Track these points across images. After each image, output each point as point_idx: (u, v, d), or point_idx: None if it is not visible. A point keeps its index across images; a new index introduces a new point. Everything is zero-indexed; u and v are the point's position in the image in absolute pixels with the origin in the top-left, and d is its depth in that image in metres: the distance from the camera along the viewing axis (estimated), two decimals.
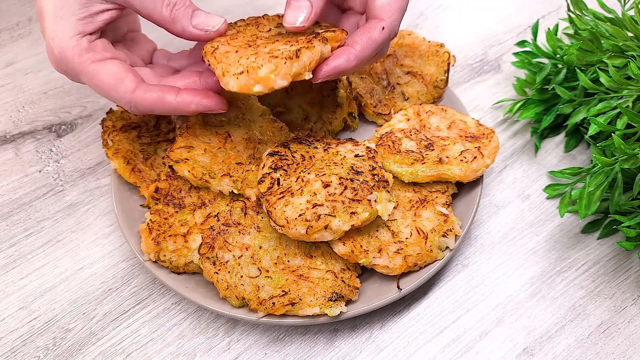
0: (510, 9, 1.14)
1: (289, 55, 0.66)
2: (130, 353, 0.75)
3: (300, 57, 0.66)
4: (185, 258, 0.74)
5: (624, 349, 0.74)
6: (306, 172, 0.74)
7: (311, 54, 0.67)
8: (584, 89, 0.85)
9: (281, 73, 0.65)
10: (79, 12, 0.67)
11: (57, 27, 0.67)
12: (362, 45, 0.69)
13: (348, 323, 0.77)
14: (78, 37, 0.67)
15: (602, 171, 0.74)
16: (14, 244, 0.85)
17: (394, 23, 0.70)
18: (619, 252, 0.82)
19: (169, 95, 0.69)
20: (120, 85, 0.68)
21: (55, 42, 0.67)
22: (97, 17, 0.68)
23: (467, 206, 0.79)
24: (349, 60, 0.69)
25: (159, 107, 0.69)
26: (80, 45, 0.67)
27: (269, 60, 0.66)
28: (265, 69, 0.65)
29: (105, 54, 0.69)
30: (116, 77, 0.68)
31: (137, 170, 0.81)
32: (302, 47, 0.67)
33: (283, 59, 0.66)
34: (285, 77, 0.66)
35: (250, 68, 0.66)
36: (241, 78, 0.66)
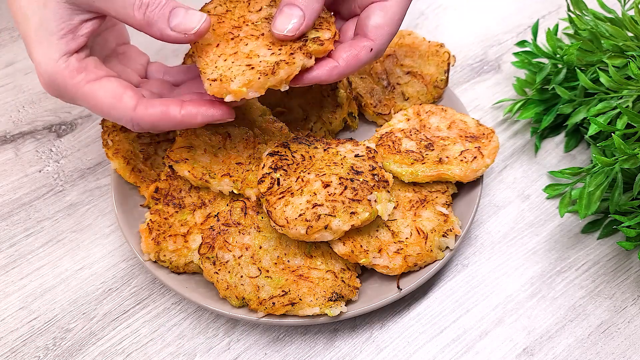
0: (510, 9, 1.14)
1: (264, 71, 0.64)
2: (130, 353, 0.75)
3: (276, 73, 0.65)
4: (185, 258, 0.74)
5: (624, 349, 0.74)
6: (306, 172, 0.74)
7: (290, 69, 0.65)
8: (584, 89, 0.85)
9: (254, 87, 0.65)
10: (59, 30, 0.63)
11: (41, 50, 0.63)
12: (347, 63, 0.68)
13: (348, 323, 0.77)
14: (65, 57, 0.64)
15: (602, 171, 0.74)
16: (14, 244, 0.85)
17: (382, 46, 0.70)
18: (619, 252, 0.82)
19: (172, 109, 0.65)
20: (120, 103, 0.64)
21: (42, 68, 0.64)
22: (78, 31, 0.64)
23: (467, 206, 0.79)
24: (330, 75, 0.68)
25: (163, 123, 0.66)
26: (69, 66, 0.64)
27: (243, 72, 0.64)
28: (238, 82, 0.64)
29: (98, 73, 0.66)
30: (114, 95, 0.64)
31: (137, 170, 0.81)
32: (281, 60, 0.65)
33: (257, 74, 0.64)
34: (258, 90, 0.65)
35: (223, 77, 0.65)
36: (214, 85, 0.65)
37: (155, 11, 0.62)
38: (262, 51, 0.67)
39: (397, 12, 0.70)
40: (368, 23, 0.69)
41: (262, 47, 0.67)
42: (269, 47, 0.67)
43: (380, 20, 0.69)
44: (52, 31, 0.63)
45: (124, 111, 0.65)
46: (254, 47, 0.67)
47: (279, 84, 0.66)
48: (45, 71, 0.64)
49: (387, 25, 0.69)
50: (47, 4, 0.62)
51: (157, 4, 0.63)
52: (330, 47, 0.68)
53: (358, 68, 0.69)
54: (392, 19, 0.69)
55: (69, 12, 0.63)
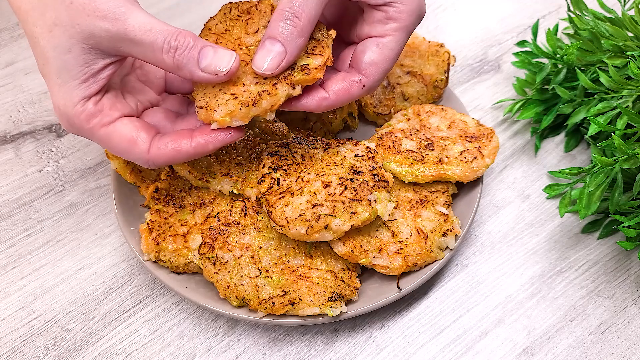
0: (510, 9, 1.14)
1: (246, 102, 0.64)
2: (130, 353, 0.75)
3: (258, 104, 0.64)
4: (185, 258, 0.74)
5: (624, 349, 0.74)
6: (306, 172, 0.74)
7: (272, 100, 0.65)
8: (584, 89, 0.85)
9: (238, 117, 0.65)
10: (81, 75, 0.63)
11: (61, 93, 0.64)
12: (337, 96, 0.67)
13: (348, 323, 0.77)
14: (84, 101, 0.64)
15: (602, 171, 0.74)
16: (14, 244, 0.85)
17: (376, 83, 0.69)
18: (619, 252, 0.82)
19: (183, 144, 0.66)
20: (134, 147, 0.66)
21: (61, 110, 0.65)
22: (99, 75, 0.64)
23: (467, 206, 0.79)
24: (319, 106, 0.67)
25: (177, 159, 0.67)
26: (86, 110, 0.64)
27: (226, 102, 0.64)
28: (221, 112, 0.64)
29: (113, 114, 0.66)
30: (128, 139, 0.65)
31: (137, 170, 0.81)
32: (264, 90, 0.65)
33: (239, 104, 0.64)
34: (242, 119, 0.65)
35: (208, 106, 0.65)
36: (201, 112, 0.66)
37: (185, 54, 0.62)
38: (248, 79, 0.66)
39: (393, 48, 0.69)
40: (363, 58, 0.68)
41: (249, 75, 0.66)
42: (255, 74, 0.66)
43: (375, 56, 0.68)
44: (74, 76, 0.63)
45: (139, 154, 0.66)
46: (241, 74, 0.66)
47: (263, 113, 0.65)
48: (64, 113, 0.65)
49: (382, 62, 0.68)
50: (71, 49, 0.62)
51: (186, 46, 0.62)
52: (319, 75, 0.66)
53: (348, 102, 0.68)
54: (387, 56, 0.68)
55: (93, 57, 0.63)
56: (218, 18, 0.73)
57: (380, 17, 0.68)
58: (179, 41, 0.62)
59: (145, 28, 0.61)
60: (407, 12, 0.68)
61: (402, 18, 0.68)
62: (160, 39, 0.61)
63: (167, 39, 0.62)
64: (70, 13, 0.61)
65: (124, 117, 0.67)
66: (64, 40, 0.61)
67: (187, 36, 0.62)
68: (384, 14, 0.68)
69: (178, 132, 0.68)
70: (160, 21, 0.63)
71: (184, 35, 0.62)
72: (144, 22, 0.61)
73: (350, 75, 0.68)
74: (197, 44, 0.63)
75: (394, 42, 0.69)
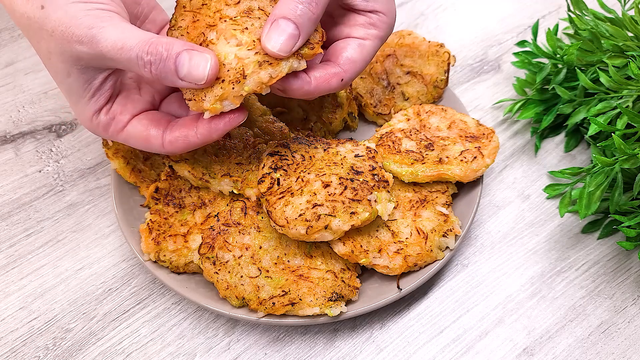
0: (510, 9, 1.14)
1: (236, 79, 0.61)
2: (130, 353, 0.75)
3: (249, 77, 0.61)
4: (185, 258, 0.74)
5: (624, 349, 0.74)
6: (306, 172, 0.74)
7: (274, 71, 0.61)
8: (584, 89, 0.85)
9: (229, 98, 0.62)
10: (86, 94, 0.66)
11: (77, 111, 0.69)
12: (318, 83, 0.67)
13: (348, 323, 0.77)
14: (96, 115, 0.68)
15: (602, 171, 0.74)
16: (14, 244, 0.85)
17: (350, 80, 0.70)
18: (619, 252, 0.82)
19: (190, 135, 0.67)
20: (150, 144, 0.69)
21: (83, 124, 0.71)
22: (103, 87, 0.67)
23: (467, 206, 0.79)
24: (300, 89, 0.67)
25: (191, 148, 0.69)
26: (100, 122, 0.69)
27: (212, 88, 0.62)
28: (210, 99, 0.62)
29: (123, 119, 0.69)
30: (143, 138, 0.69)
31: (137, 170, 0.81)
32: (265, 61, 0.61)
33: (228, 85, 0.61)
34: (234, 100, 0.63)
35: (196, 96, 0.63)
36: (191, 104, 0.64)
37: (160, 67, 0.62)
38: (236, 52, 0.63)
39: (370, 53, 0.71)
40: (343, 54, 0.69)
41: (245, 48, 0.63)
42: (252, 46, 0.63)
43: (356, 55, 0.70)
44: (81, 95, 0.67)
45: (157, 149, 0.70)
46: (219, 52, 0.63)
47: (259, 88, 0.62)
48: (86, 127, 0.71)
49: (360, 61, 0.70)
50: (70, 73, 0.65)
51: (160, 58, 0.61)
52: (319, 50, 0.66)
53: (324, 93, 0.69)
54: (365, 57, 0.70)
55: (90, 74, 0.65)
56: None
57: (364, 22, 0.71)
58: (151, 55, 0.61)
59: (117, 47, 0.61)
60: (388, 23, 0.72)
61: (383, 28, 0.71)
62: (134, 57, 0.61)
63: (139, 54, 0.61)
64: (56, 42, 0.62)
65: (133, 119, 0.70)
66: (60, 66, 0.64)
67: (158, 46, 0.61)
68: (367, 19, 0.71)
69: (185, 122, 0.69)
70: (131, 32, 0.62)
71: (155, 45, 0.61)
72: (114, 40, 0.61)
73: (329, 67, 0.69)
74: (170, 53, 0.61)
75: (372, 47, 0.71)
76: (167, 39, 0.63)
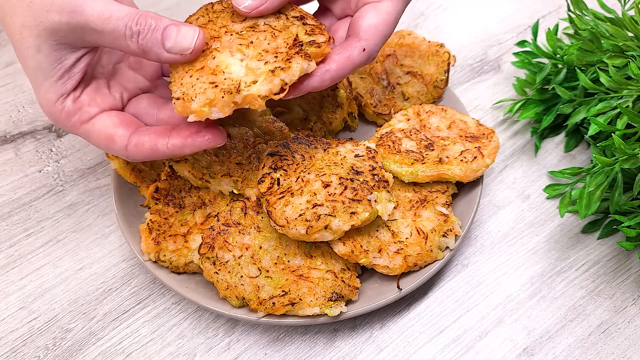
0: (510, 9, 1.14)
1: (228, 90, 0.61)
2: (130, 353, 0.75)
3: (242, 92, 0.61)
4: (185, 258, 0.74)
5: (624, 349, 0.74)
6: (306, 172, 0.74)
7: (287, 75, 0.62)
8: (584, 89, 0.85)
9: (218, 106, 0.61)
10: (55, 74, 0.63)
11: (41, 93, 0.64)
12: (339, 65, 0.65)
13: (348, 323, 0.77)
14: (62, 99, 0.64)
15: (602, 171, 0.74)
16: (14, 244, 0.85)
17: (375, 47, 0.67)
18: (619, 252, 0.82)
19: (160, 144, 0.65)
20: (112, 144, 0.66)
21: (44, 109, 0.66)
22: (74, 69, 0.64)
23: (467, 206, 0.79)
24: (323, 81, 0.65)
25: (155, 158, 0.67)
26: (65, 108, 0.65)
27: (204, 91, 0.61)
28: (199, 101, 0.61)
29: (91, 111, 0.66)
30: (106, 136, 0.66)
31: (137, 170, 0.81)
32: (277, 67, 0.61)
33: (221, 92, 0.61)
34: (222, 109, 0.62)
35: (185, 96, 0.62)
36: (177, 104, 0.63)
37: (148, 37, 0.61)
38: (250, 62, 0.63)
39: (392, 12, 0.67)
40: (361, 23, 0.67)
41: (254, 59, 0.64)
42: (260, 57, 0.64)
43: (374, 20, 0.66)
44: (49, 74, 0.63)
45: (118, 151, 0.66)
46: (221, 61, 0.63)
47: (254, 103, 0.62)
48: (47, 112, 0.66)
49: (381, 25, 0.67)
50: (40, 48, 0.62)
51: (148, 29, 0.61)
52: (328, 50, 0.65)
53: (351, 71, 0.66)
54: (385, 20, 0.67)
55: (63, 53, 0.63)
56: (199, 14, 0.71)
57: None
58: (140, 25, 0.60)
59: (104, 16, 0.60)
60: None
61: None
62: (122, 25, 0.60)
63: (128, 24, 0.60)
64: (32, 12, 0.60)
65: (103, 113, 0.67)
66: (32, 40, 0.61)
67: (148, 18, 0.61)
68: None
69: (157, 129, 0.67)
70: (119, 5, 0.61)
71: (145, 17, 0.61)
72: (101, 9, 0.60)
73: (349, 42, 0.67)
74: (159, 25, 0.61)
75: (392, 7, 0.67)
76: (154, 13, 0.62)
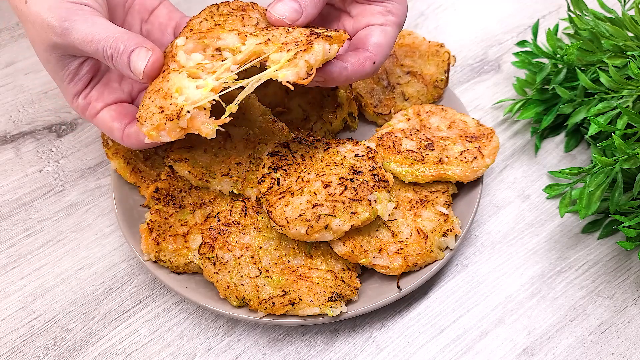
0: (510, 9, 1.14)
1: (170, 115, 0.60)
2: (131, 353, 0.75)
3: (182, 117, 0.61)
4: (185, 258, 0.74)
5: (624, 349, 0.74)
6: (306, 172, 0.74)
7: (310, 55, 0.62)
8: (584, 89, 0.85)
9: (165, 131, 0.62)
10: (65, 78, 0.72)
11: (63, 93, 0.75)
12: (354, 67, 0.71)
13: (348, 323, 0.77)
14: (76, 98, 0.74)
15: (602, 171, 0.74)
16: (14, 244, 0.84)
17: (381, 63, 0.75)
18: (619, 252, 0.82)
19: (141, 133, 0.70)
20: (112, 134, 0.74)
21: (70, 105, 0.77)
22: (80, 72, 0.72)
23: (467, 206, 0.79)
24: (340, 75, 0.70)
25: (144, 147, 0.74)
26: (79, 105, 0.75)
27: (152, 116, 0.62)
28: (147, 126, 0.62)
29: (97, 105, 0.74)
30: (107, 128, 0.74)
31: (137, 170, 0.81)
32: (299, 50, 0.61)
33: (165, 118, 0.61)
34: (170, 134, 0.62)
35: (140, 118, 0.64)
36: (137, 124, 0.65)
37: (117, 61, 0.67)
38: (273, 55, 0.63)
39: (393, 37, 0.75)
40: (370, 40, 0.74)
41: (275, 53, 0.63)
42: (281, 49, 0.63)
43: (382, 39, 0.74)
44: (62, 79, 0.73)
45: (117, 140, 0.75)
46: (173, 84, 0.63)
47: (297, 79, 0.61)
48: (70, 106, 0.77)
49: (386, 45, 0.74)
50: (49, 60, 0.70)
51: (117, 52, 0.66)
52: (346, 35, 0.69)
53: (360, 77, 0.72)
54: (389, 41, 0.75)
55: (67, 61, 0.71)
56: (202, 16, 0.71)
57: (381, 10, 0.75)
58: (112, 48, 0.66)
59: (87, 39, 0.66)
60: (402, 10, 0.77)
61: (399, 14, 0.76)
62: (100, 49, 0.66)
63: (105, 47, 0.66)
64: (37, 32, 0.68)
65: (104, 108, 0.75)
66: (42, 54, 0.71)
67: (119, 41, 0.66)
68: (383, 8, 0.75)
69: None
70: (101, 27, 0.66)
71: (117, 40, 0.66)
72: (84, 34, 0.66)
73: (361, 54, 0.73)
74: (127, 48, 0.66)
75: (393, 32, 0.76)
76: (131, 34, 0.67)
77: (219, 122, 0.62)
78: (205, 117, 0.62)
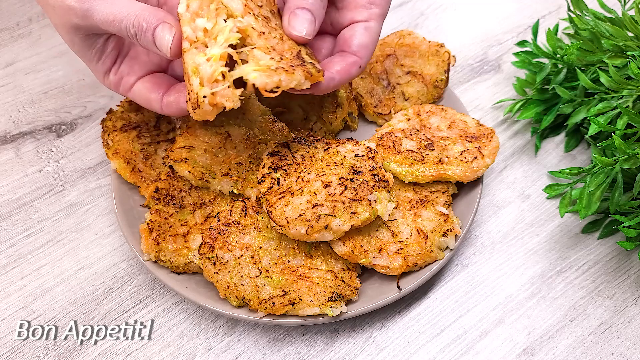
0: (510, 9, 1.14)
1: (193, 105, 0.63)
2: (131, 353, 0.75)
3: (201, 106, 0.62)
4: (185, 258, 0.74)
5: (624, 349, 0.74)
6: (306, 172, 0.74)
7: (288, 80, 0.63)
8: (584, 89, 0.85)
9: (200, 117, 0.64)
10: (93, 57, 0.73)
11: (94, 73, 0.76)
12: (341, 75, 0.71)
13: (348, 323, 0.77)
14: (107, 75, 0.75)
15: (602, 171, 0.74)
16: (14, 244, 0.85)
17: (368, 60, 0.74)
18: (619, 252, 0.82)
19: (182, 98, 0.72)
20: (150, 105, 0.75)
21: (102, 84, 0.78)
22: (106, 51, 0.73)
23: (467, 206, 0.79)
24: (328, 86, 0.70)
25: (183, 113, 0.74)
26: (111, 82, 0.76)
27: None
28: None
29: (130, 79, 0.75)
30: (144, 100, 0.75)
31: (137, 170, 0.81)
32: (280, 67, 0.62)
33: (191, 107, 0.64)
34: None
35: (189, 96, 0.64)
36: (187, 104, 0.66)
37: (142, 39, 0.67)
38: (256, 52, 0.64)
39: (377, 32, 0.75)
40: (353, 42, 0.73)
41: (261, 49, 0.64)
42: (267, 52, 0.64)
43: (366, 39, 0.73)
44: (90, 59, 0.74)
45: (158, 111, 0.75)
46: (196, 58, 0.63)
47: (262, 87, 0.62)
48: (104, 85, 0.78)
49: (371, 44, 0.74)
50: (74, 41, 0.72)
51: (141, 30, 0.66)
52: (321, 78, 0.68)
53: (348, 81, 0.73)
54: (374, 38, 0.74)
55: (92, 40, 0.72)
56: None
57: (364, 3, 0.74)
58: (135, 27, 0.66)
59: (109, 20, 0.66)
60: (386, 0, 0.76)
61: (382, 4, 0.75)
62: (123, 28, 0.66)
63: (128, 26, 0.66)
64: (58, 16, 0.69)
65: (138, 81, 0.75)
66: (66, 36, 0.72)
67: (141, 19, 0.66)
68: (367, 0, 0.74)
69: (180, 87, 0.74)
70: (121, 5, 0.66)
71: (139, 18, 0.66)
72: (106, 14, 0.66)
73: (345, 57, 0.73)
74: (150, 26, 0.66)
75: (377, 27, 0.75)
76: (152, 10, 0.67)
77: (238, 92, 0.63)
78: (225, 89, 0.62)
